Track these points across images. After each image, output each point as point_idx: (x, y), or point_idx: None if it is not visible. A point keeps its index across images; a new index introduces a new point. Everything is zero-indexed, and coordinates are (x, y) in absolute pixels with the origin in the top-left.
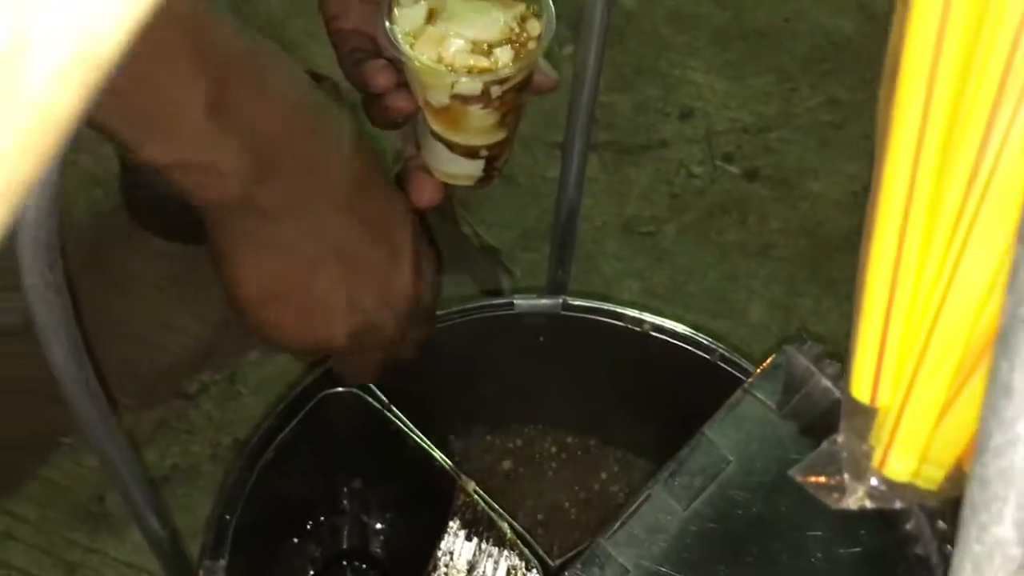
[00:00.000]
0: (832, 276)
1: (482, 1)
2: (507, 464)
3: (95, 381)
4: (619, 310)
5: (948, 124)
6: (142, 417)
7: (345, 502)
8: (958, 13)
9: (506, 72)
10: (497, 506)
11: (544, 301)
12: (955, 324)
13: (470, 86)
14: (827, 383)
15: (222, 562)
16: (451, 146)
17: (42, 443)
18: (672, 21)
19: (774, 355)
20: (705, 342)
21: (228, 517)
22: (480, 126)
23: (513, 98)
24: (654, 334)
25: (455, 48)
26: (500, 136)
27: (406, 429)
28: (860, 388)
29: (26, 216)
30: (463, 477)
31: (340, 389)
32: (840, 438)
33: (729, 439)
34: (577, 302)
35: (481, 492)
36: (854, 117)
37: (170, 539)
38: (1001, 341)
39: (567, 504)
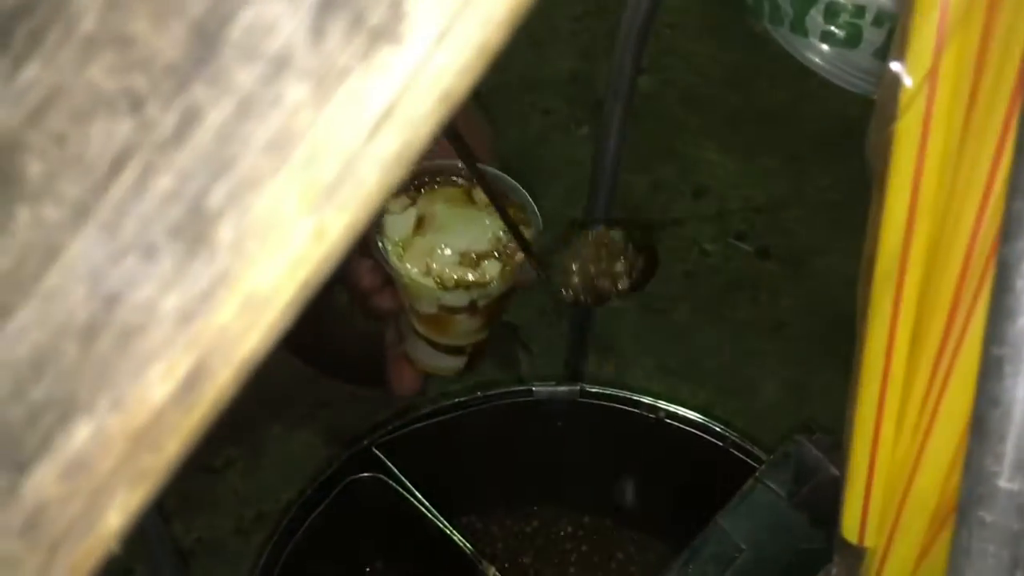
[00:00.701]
0: (844, 353)
1: (471, 208)
2: (525, 543)
3: None
4: (634, 397)
5: (917, 316)
6: (168, 489)
7: None
8: (924, 219)
9: (494, 288)
10: None
11: (562, 389)
12: (928, 485)
13: (457, 299)
14: (837, 474)
15: None
16: (435, 345)
17: None
18: (686, 103)
19: (784, 444)
20: (717, 429)
21: None
22: (464, 330)
23: (498, 305)
24: (668, 421)
25: (444, 260)
26: (483, 335)
27: (427, 513)
28: (850, 530)
29: None
30: (484, 562)
31: (365, 475)
32: (834, 570)
33: (742, 528)
34: (594, 389)
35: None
36: (862, 196)
37: None
38: (959, 510)
39: None
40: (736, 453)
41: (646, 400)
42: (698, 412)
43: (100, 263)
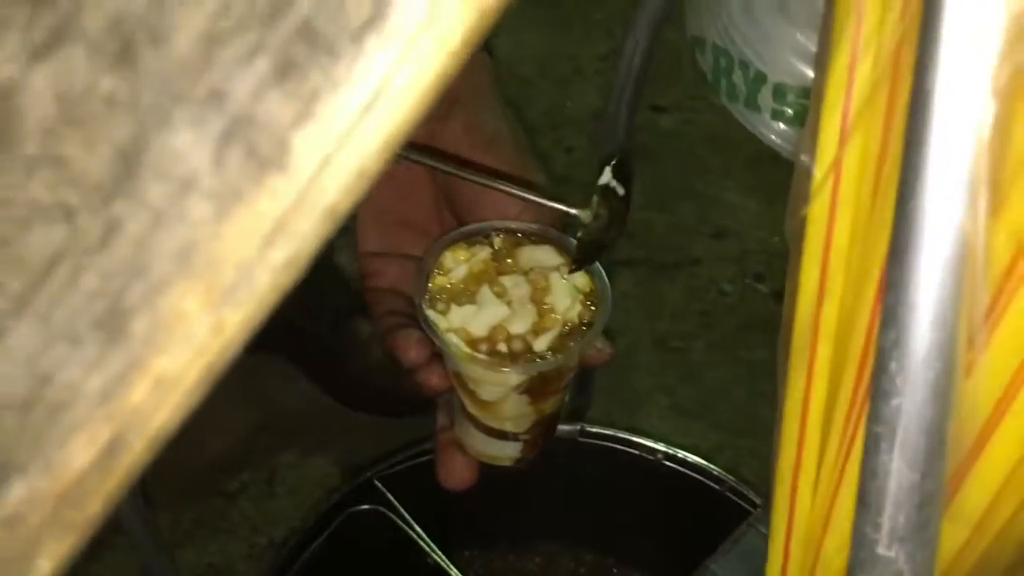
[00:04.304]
0: None
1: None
2: None
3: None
4: (633, 439)
5: (828, 388)
6: (181, 515)
7: None
8: (832, 300)
9: (546, 364)
10: None
11: (563, 427)
12: (834, 547)
13: (501, 375)
14: None
15: None
16: (486, 429)
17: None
18: (708, 143)
19: None
20: (715, 473)
21: None
22: (518, 413)
23: (551, 385)
24: (666, 463)
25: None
26: (540, 418)
27: (426, 547)
28: None
29: None
30: None
31: (365, 507)
32: None
33: (734, 573)
34: (594, 429)
35: None
36: None
37: None
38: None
39: None
40: (733, 497)
41: (645, 442)
42: (696, 455)
43: (35, 348)
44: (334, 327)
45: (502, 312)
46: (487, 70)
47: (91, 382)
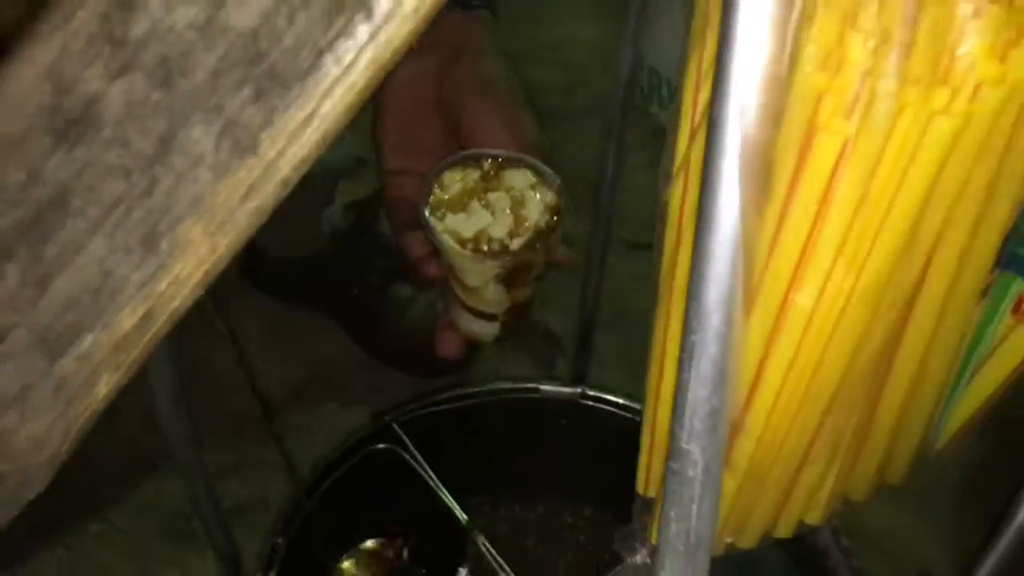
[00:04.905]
0: None
1: (499, 192)
2: (530, 528)
3: (188, 418)
4: (628, 403)
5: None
6: (229, 451)
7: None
8: (683, 263)
9: (511, 260)
10: (503, 561)
11: (565, 389)
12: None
13: (481, 266)
14: None
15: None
16: (472, 311)
17: (143, 464)
18: None
19: None
20: None
21: (280, 540)
22: (497, 298)
23: (521, 277)
24: None
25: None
26: (513, 304)
27: (434, 486)
28: (641, 485)
29: None
30: (475, 531)
31: (382, 445)
32: (636, 520)
33: None
34: (593, 392)
35: (488, 545)
36: None
37: (233, 555)
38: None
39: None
40: None
41: (637, 406)
42: None
43: (103, 254)
44: (376, 289)
45: (486, 219)
46: (488, 25)
47: (135, 276)
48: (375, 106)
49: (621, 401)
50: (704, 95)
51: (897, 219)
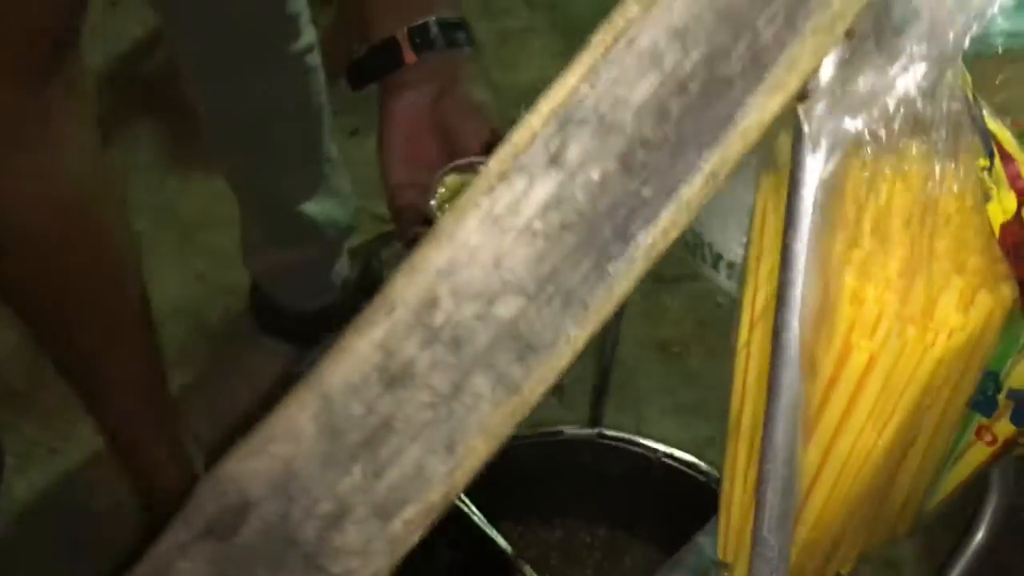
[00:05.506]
0: None
1: None
2: (552, 548)
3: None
4: (640, 440)
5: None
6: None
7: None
8: (748, 409)
9: None
10: None
11: (584, 432)
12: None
13: None
14: None
15: None
16: None
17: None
18: None
19: None
20: (704, 468)
21: None
22: None
23: None
24: (664, 460)
25: None
26: None
27: (471, 513)
28: (721, 552)
29: None
30: (520, 560)
31: None
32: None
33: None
34: (609, 433)
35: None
36: None
37: None
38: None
39: None
40: (716, 487)
41: (648, 443)
42: (689, 454)
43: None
44: None
45: None
46: (473, 62)
47: (440, 469)
48: (379, 131)
49: (631, 438)
50: (760, 301)
51: (906, 402)
